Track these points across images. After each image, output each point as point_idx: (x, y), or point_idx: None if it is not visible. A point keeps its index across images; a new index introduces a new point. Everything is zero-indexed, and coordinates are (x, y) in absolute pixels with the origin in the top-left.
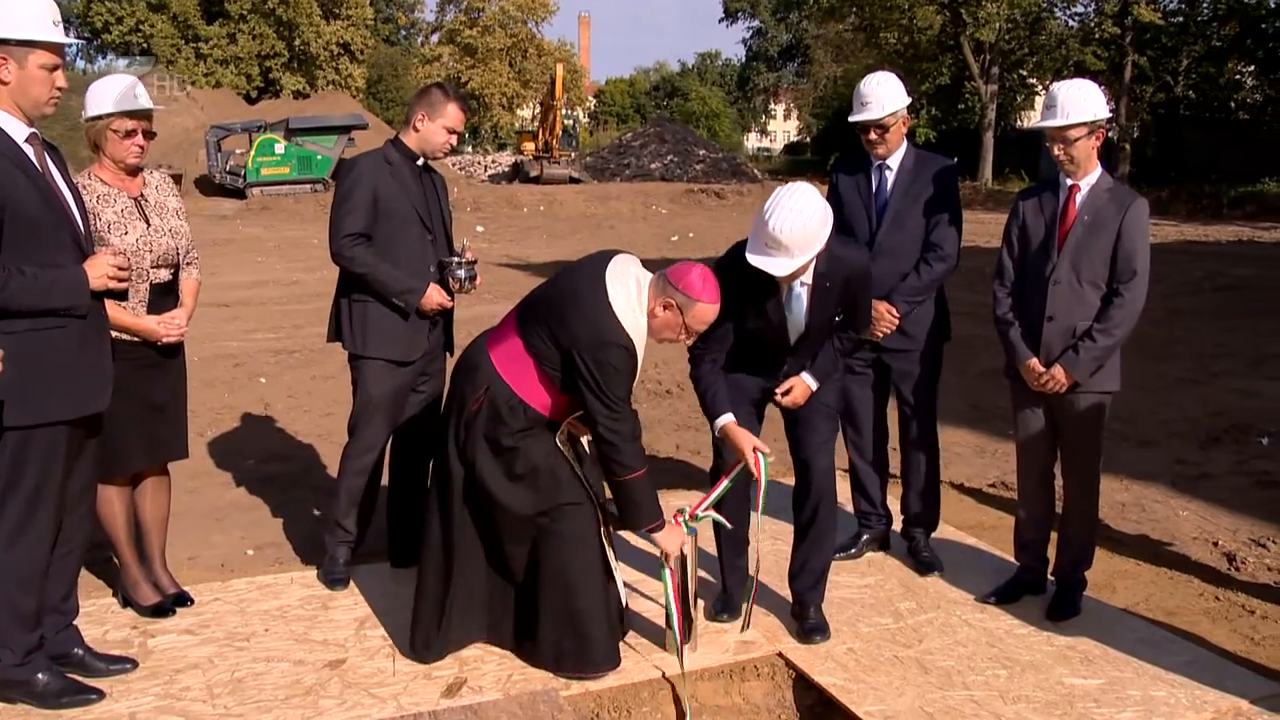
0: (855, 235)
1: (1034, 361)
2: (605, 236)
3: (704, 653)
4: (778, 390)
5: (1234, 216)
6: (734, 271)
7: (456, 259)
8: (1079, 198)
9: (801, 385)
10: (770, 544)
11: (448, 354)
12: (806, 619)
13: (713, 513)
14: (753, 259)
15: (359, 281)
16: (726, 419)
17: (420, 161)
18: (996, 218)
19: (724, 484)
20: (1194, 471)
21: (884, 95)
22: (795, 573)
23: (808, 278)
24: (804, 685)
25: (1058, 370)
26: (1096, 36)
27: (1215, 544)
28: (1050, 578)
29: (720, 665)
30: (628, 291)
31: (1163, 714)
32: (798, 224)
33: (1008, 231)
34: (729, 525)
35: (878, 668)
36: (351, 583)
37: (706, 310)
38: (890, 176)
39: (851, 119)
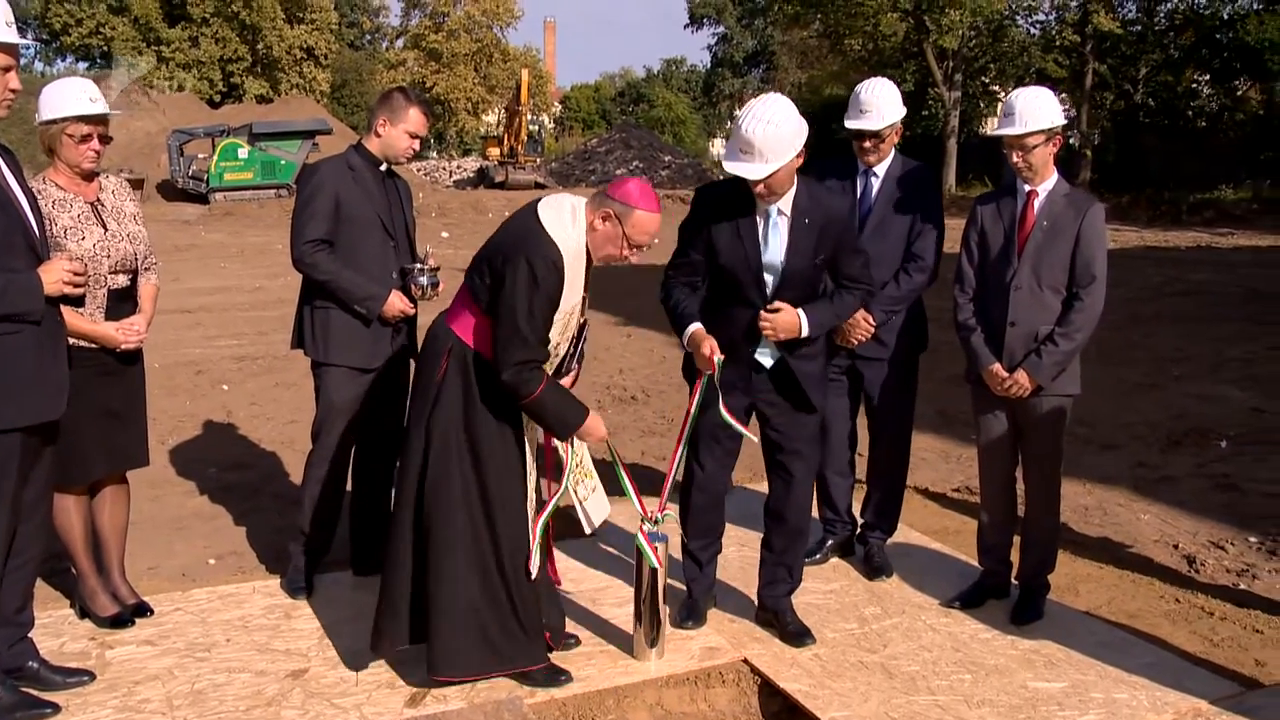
0: None
1: (997, 366)
2: None
3: (669, 660)
4: (763, 312)
5: (1193, 223)
6: (711, 198)
7: (419, 266)
8: (1037, 203)
9: (790, 313)
10: (736, 550)
11: (412, 360)
12: (787, 624)
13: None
14: (728, 165)
15: (321, 288)
16: (693, 327)
17: (383, 167)
18: (961, 223)
19: (693, 407)
20: (1155, 475)
21: (884, 105)
22: (767, 584)
23: (786, 206)
24: (769, 691)
25: (1021, 375)
26: (1057, 44)
27: (1176, 547)
28: (1014, 582)
29: (686, 672)
30: (559, 210)
31: (1124, 716)
32: (770, 127)
33: (966, 237)
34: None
35: (843, 673)
36: (315, 591)
37: (646, 219)
38: (876, 184)
39: (849, 124)
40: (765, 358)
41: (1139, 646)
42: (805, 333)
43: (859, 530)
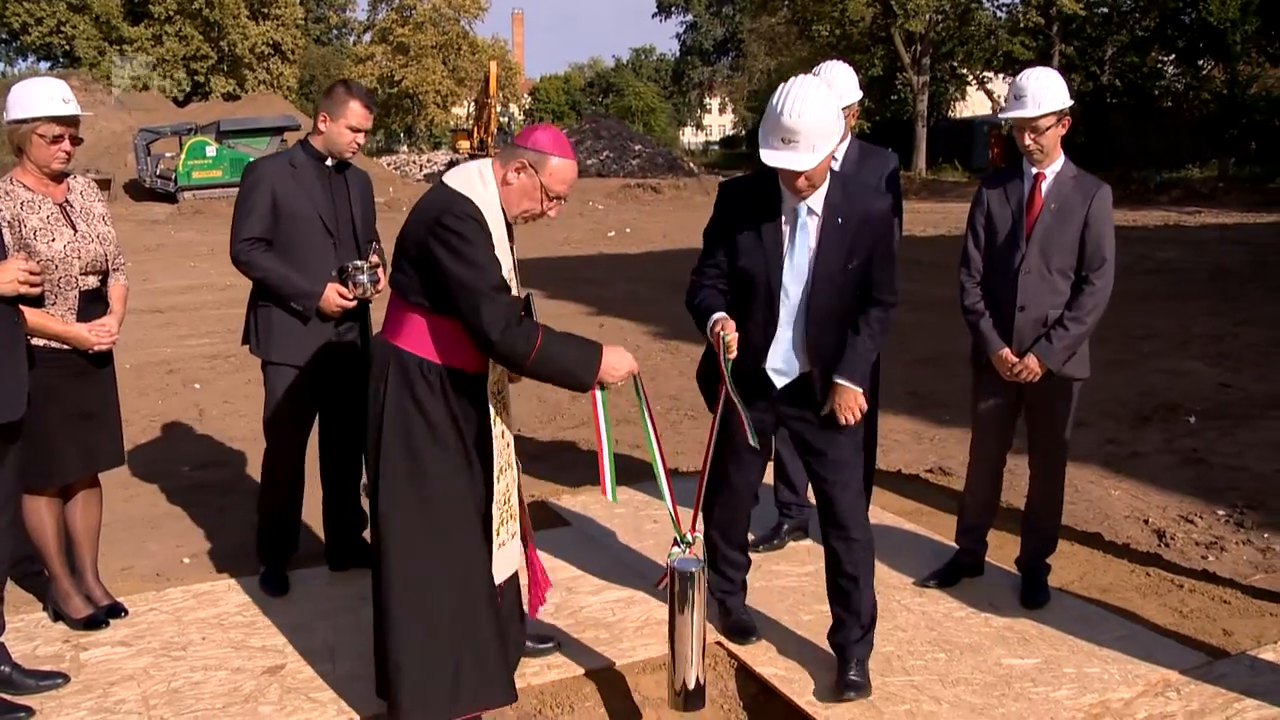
0: None
1: (1007, 351)
2: (541, 232)
3: (645, 644)
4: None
5: (1160, 202)
6: (733, 195)
7: (359, 263)
8: (1045, 186)
9: (842, 392)
10: None
11: (360, 362)
12: (846, 673)
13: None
14: (769, 157)
15: (261, 286)
16: (716, 315)
17: (330, 162)
18: (931, 206)
19: (716, 418)
20: (1125, 451)
21: (840, 86)
22: (833, 629)
23: (817, 204)
24: (745, 675)
25: (1031, 360)
26: (1023, 26)
27: (1146, 521)
28: (1007, 566)
29: (662, 657)
30: (466, 174)
31: (1096, 689)
32: (814, 110)
33: (972, 220)
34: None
35: (818, 656)
36: (291, 587)
37: (563, 166)
38: (835, 167)
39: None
40: (780, 377)
41: (1110, 620)
42: (858, 390)
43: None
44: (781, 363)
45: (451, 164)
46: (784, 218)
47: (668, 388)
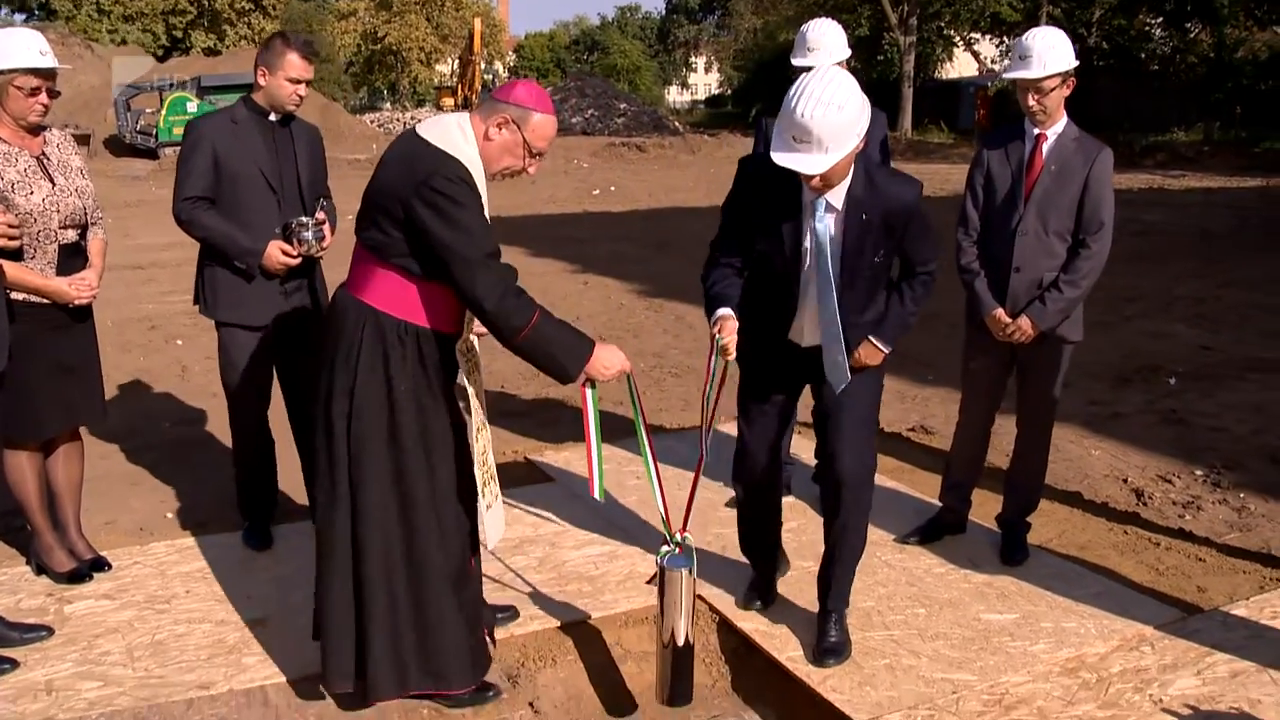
0: None
1: (1000, 312)
2: (526, 190)
3: (628, 597)
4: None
5: (1146, 165)
6: (753, 172)
7: (304, 219)
8: (1046, 147)
9: (871, 352)
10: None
11: (314, 320)
12: (825, 637)
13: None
14: (778, 157)
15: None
16: (721, 311)
17: (273, 117)
18: (917, 168)
19: (710, 390)
20: (1106, 411)
21: (830, 44)
22: (819, 579)
23: (838, 200)
24: (727, 630)
25: (1024, 321)
26: None
27: (1125, 481)
28: (987, 524)
29: (644, 609)
30: (445, 128)
31: (1073, 644)
32: (830, 109)
33: (972, 180)
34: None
35: (798, 611)
36: (274, 541)
37: (545, 121)
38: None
39: (795, 62)
40: (802, 338)
41: (1088, 577)
42: (887, 350)
43: (815, 472)
44: (804, 336)
45: None
46: (804, 208)
47: (651, 345)
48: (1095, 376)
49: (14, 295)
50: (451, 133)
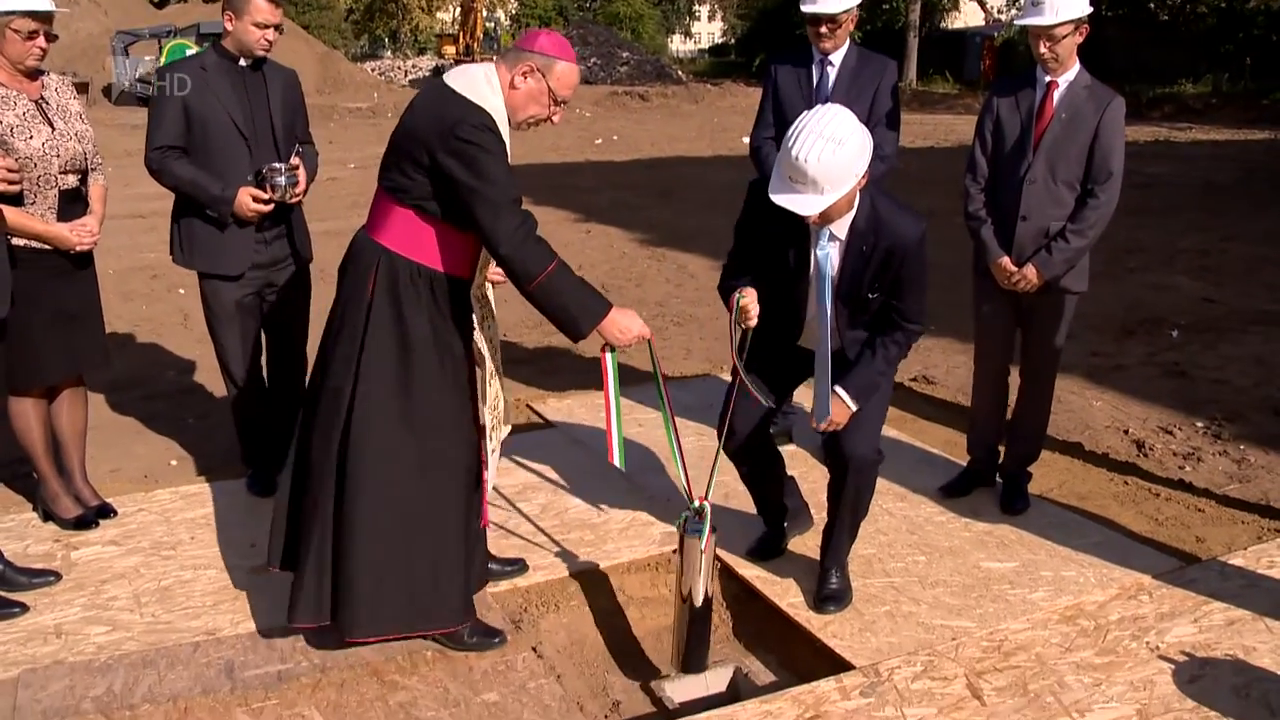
0: None
1: (1006, 260)
2: (528, 139)
3: (630, 545)
4: (816, 425)
5: (1152, 118)
6: (761, 196)
7: (278, 165)
8: (1057, 94)
9: (839, 408)
10: (695, 440)
11: (295, 267)
12: (826, 583)
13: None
14: (776, 198)
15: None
16: (741, 284)
17: (244, 63)
18: (921, 118)
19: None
20: (1108, 363)
21: None
22: (822, 536)
23: (841, 230)
24: (728, 576)
25: (1030, 270)
26: None
27: (1126, 432)
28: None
29: (646, 558)
30: (471, 78)
31: (1072, 592)
32: (827, 150)
33: (981, 127)
34: (766, 401)
35: (800, 559)
36: (277, 488)
37: (570, 70)
38: (832, 73)
39: (805, 9)
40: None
41: (1087, 527)
42: (854, 408)
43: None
44: (814, 343)
45: (437, 70)
46: (810, 234)
47: (654, 294)
48: (1097, 328)
49: (15, 241)
50: (478, 82)
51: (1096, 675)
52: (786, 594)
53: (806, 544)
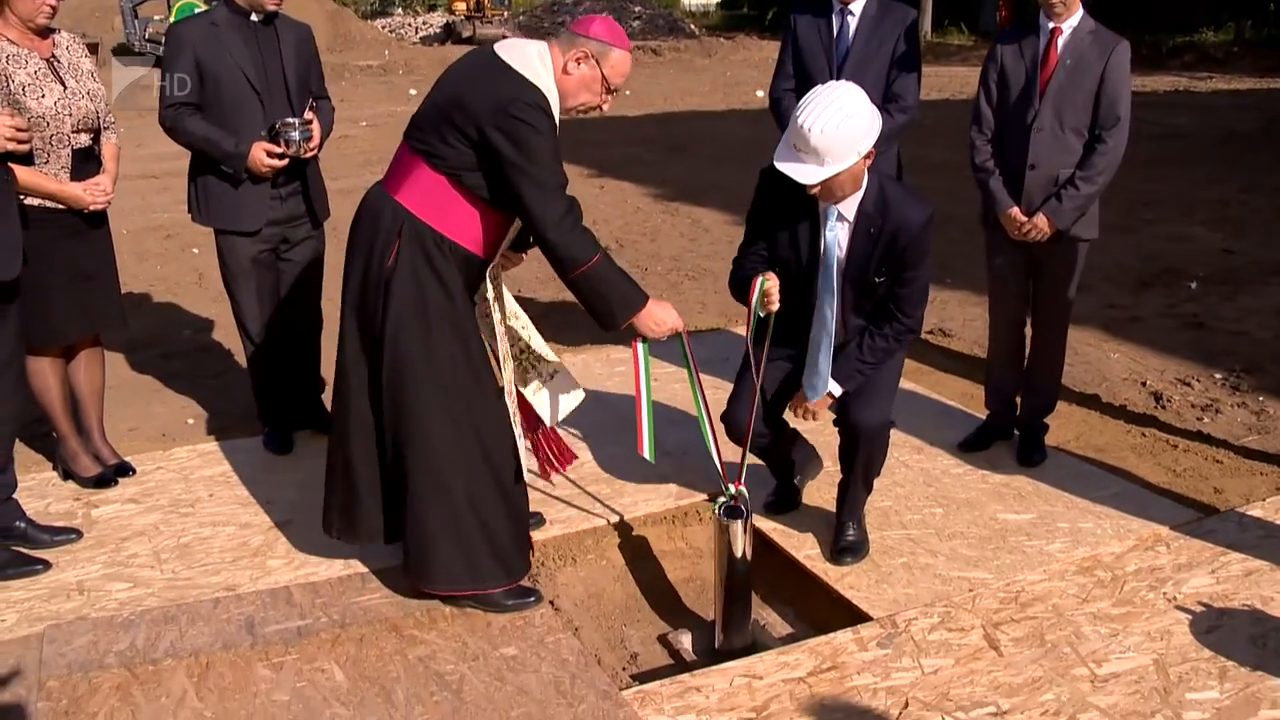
0: (813, 82)
1: (1016, 210)
2: None
3: (646, 499)
4: (794, 408)
5: (1172, 67)
6: (773, 184)
7: (291, 120)
8: (1061, 41)
9: (820, 404)
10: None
11: (311, 223)
12: (843, 535)
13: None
14: (779, 163)
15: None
16: (759, 276)
17: (255, 17)
18: (937, 70)
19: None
20: (1125, 315)
21: None
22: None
23: (850, 211)
24: None
25: (1040, 219)
26: None
27: (1144, 384)
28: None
29: (663, 511)
30: (525, 55)
31: (1089, 543)
32: (831, 123)
33: (985, 77)
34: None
35: (816, 512)
36: (295, 446)
37: (624, 58)
38: (853, 23)
39: None
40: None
41: (1105, 478)
42: (837, 395)
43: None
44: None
45: (448, 26)
46: (819, 217)
47: (668, 249)
48: (1114, 280)
49: (28, 201)
50: (532, 60)
51: (1113, 626)
52: (803, 546)
53: (823, 496)
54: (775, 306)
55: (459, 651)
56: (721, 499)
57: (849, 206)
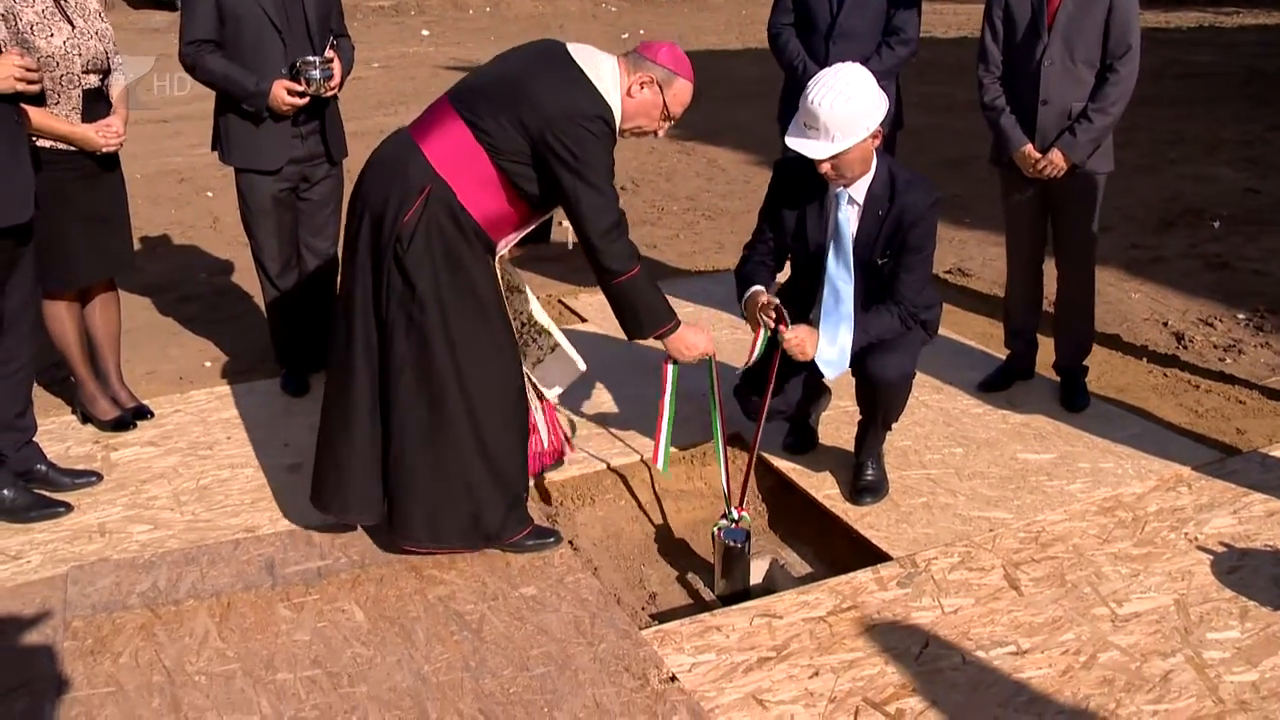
0: (814, 20)
1: (1029, 147)
2: (554, 37)
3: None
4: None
5: (1196, 2)
6: (786, 172)
7: (311, 58)
8: None
9: (810, 335)
10: (730, 333)
11: (330, 163)
12: (862, 474)
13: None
14: (790, 140)
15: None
16: (753, 289)
17: None
18: (954, 8)
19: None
20: (1148, 255)
21: None
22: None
23: (860, 193)
24: (764, 468)
25: (1055, 155)
26: None
27: (1165, 324)
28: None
29: (681, 451)
30: (599, 68)
31: (1110, 483)
32: (840, 100)
33: (989, 13)
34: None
35: (835, 451)
36: (311, 389)
37: (687, 89)
38: None
39: None
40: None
41: (1126, 418)
42: (823, 359)
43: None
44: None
45: None
46: (829, 201)
47: (684, 189)
48: (1137, 220)
49: (40, 143)
50: (605, 76)
51: (1134, 566)
52: (823, 486)
53: (841, 436)
54: (789, 335)
55: (479, 591)
56: (723, 521)
57: (859, 190)
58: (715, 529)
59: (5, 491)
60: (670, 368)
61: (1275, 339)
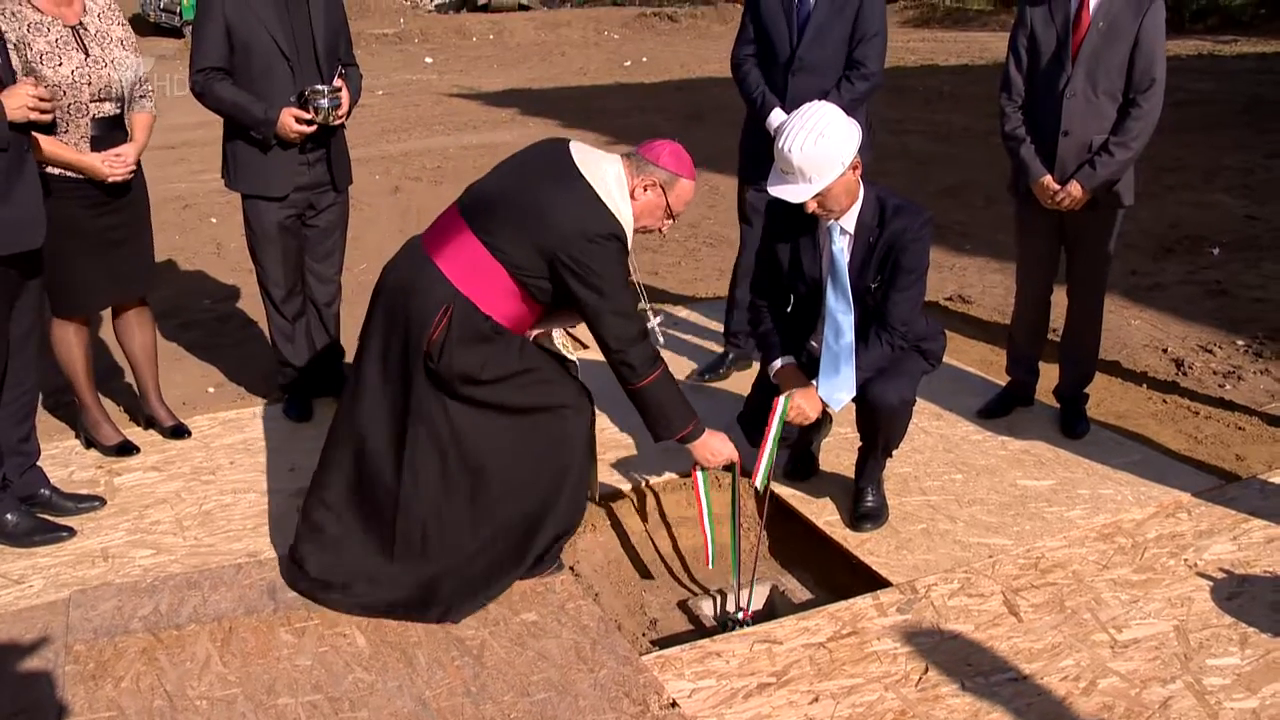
0: (775, 51)
1: (1049, 179)
2: (557, 64)
3: (666, 465)
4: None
5: (1196, 31)
6: (782, 208)
7: (320, 87)
8: (1093, 3)
9: (812, 401)
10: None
11: (335, 191)
12: (862, 501)
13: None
14: (770, 188)
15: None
16: (778, 363)
17: None
18: (955, 35)
19: (769, 441)
20: (1147, 282)
21: None
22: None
23: (850, 224)
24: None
25: (1074, 187)
26: None
27: (1165, 350)
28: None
29: (683, 478)
30: (605, 179)
31: (1109, 510)
32: (809, 141)
33: (1014, 42)
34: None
35: (835, 478)
36: (315, 414)
37: (689, 188)
38: None
39: None
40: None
41: (1126, 445)
42: (829, 398)
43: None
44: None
45: None
46: (822, 235)
47: (686, 216)
48: (1136, 247)
49: (49, 170)
50: (611, 187)
51: (1134, 592)
52: (823, 512)
53: (841, 463)
54: (799, 417)
55: (480, 617)
56: (731, 625)
57: (849, 220)
58: (719, 621)
59: (8, 516)
60: (699, 475)
61: (1275, 365)
